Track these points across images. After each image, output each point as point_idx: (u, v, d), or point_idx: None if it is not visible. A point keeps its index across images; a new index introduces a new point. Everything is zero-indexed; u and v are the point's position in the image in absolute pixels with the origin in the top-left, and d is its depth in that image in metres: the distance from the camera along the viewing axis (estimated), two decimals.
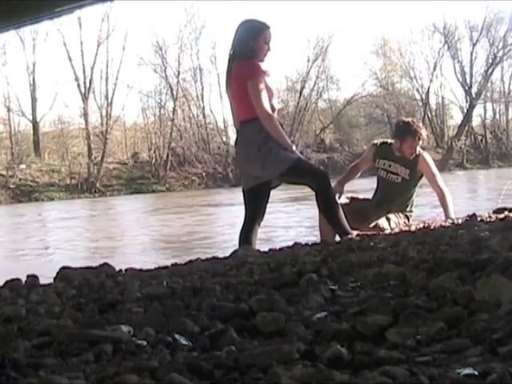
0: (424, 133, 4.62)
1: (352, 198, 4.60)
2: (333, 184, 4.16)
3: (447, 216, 4.36)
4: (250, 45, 3.77)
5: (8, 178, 27.43)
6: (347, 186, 4.68)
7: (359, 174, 4.79)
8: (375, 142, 4.89)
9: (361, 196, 4.76)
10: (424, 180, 4.65)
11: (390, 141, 4.79)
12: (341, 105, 35.37)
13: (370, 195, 4.78)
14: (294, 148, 3.75)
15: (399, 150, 4.56)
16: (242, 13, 49.98)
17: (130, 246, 8.43)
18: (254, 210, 3.90)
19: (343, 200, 4.40)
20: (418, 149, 4.59)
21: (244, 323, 1.44)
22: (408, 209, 4.58)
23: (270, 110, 3.71)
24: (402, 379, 0.96)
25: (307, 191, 4.02)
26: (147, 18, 47.71)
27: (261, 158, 3.74)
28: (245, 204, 3.95)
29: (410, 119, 4.81)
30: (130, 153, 32.55)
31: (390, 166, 4.57)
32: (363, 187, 5.38)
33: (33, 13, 3.85)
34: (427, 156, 4.64)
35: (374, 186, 4.76)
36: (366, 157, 4.80)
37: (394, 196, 4.53)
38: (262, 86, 3.70)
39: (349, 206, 4.36)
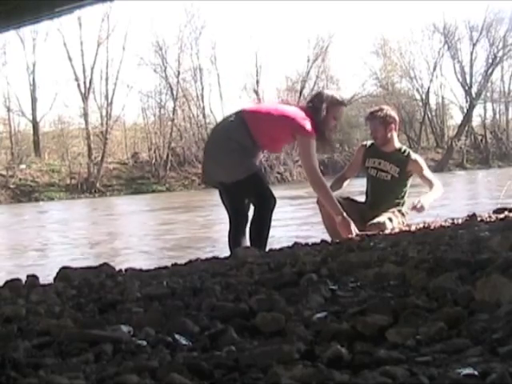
0: (387, 113, 4.54)
1: (348, 199, 4.57)
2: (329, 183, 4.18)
3: (422, 200, 4.27)
4: (323, 110, 3.97)
5: (8, 177, 27.42)
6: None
7: (347, 183, 4.70)
8: (364, 143, 4.83)
9: (356, 198, 4.73)
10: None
11: None
12: None
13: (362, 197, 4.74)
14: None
15: (370, 134, 4.65)
16: (242, 13, 50.01)
17: (130, 246, 8.42)
18: (230, 210, 3.94)
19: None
20: (399, 144, 4.61)
21: (244, 323, 1.44)
22: (403, 208, 4.56)
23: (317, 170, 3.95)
24: (401, 379, 0.96)
25: (309, 190, 4.02)
26: (147, 18, 47.74)
27: (226, 159, 3.77)
28: (224, 205, 4.01)
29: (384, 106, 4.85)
30: (130, 153, 32.53)
31: (379, 163, 4.55)
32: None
33: (33, 13, 3.85)
34: (418, 157, 4.63)
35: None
36: (355, 161, 4.74)
37: (385, 194, 4.50)
38: (314, 147, 3.90)
39: (348, 207, 4.35)
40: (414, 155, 4.61)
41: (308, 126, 3.87)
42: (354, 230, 3.86)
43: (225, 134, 3.83)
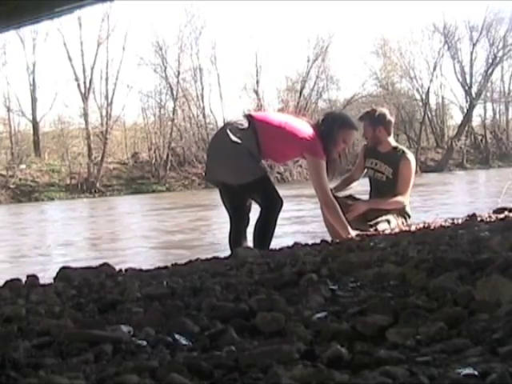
0: (376, 114, 4.49)
1: (350, 197, 4.56)
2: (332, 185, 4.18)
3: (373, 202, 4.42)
4: (333, 132, 3.97)
5: (8, 177, 27.40)
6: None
7: (354, 184, 4.69)
8: (365, 142, 4.77)
9: (357, 196, 4.71)
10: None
11: None
12: (341, 105, 35.29)
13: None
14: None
15: (362, 134, 4.66)
16: (242, 13, 49.99)
17: (131, 245, 8.42)
18: (231, 210, 3.94)
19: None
20: (395, 143, 4.60)
21: (244, 323, 1.44)
22: (406, 209, 4.53)
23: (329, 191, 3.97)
24: (401, 379, 0.96)
25: (310, 190, 4.04)
26: (147, 18, 47.67)
27: (234, 161, 3.77)
28: (224, 205, 4.01)
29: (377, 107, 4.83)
30: (130, 153, 32.51)
31: (376, 164, 4.54)
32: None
33: (33, 13, 3.85)
34: (411, 159, 4.52)
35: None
36: (360, 161, 4.72)
37: (382, 195, 4.46)
38: (324, 168, 3.90)
39: (349, 207, 4.34)
40: (408, 155, 4.50)
41: (319, 147, 3.89)
42: None
43: (234, 138, 3.79)
